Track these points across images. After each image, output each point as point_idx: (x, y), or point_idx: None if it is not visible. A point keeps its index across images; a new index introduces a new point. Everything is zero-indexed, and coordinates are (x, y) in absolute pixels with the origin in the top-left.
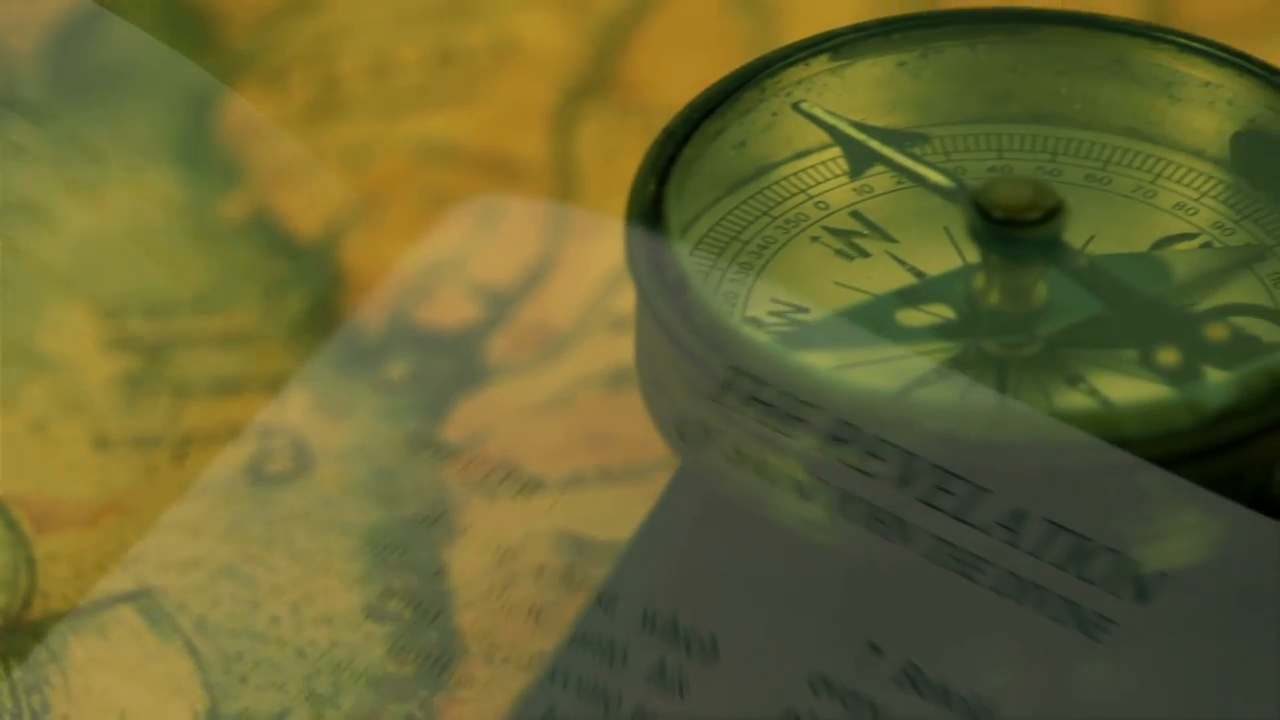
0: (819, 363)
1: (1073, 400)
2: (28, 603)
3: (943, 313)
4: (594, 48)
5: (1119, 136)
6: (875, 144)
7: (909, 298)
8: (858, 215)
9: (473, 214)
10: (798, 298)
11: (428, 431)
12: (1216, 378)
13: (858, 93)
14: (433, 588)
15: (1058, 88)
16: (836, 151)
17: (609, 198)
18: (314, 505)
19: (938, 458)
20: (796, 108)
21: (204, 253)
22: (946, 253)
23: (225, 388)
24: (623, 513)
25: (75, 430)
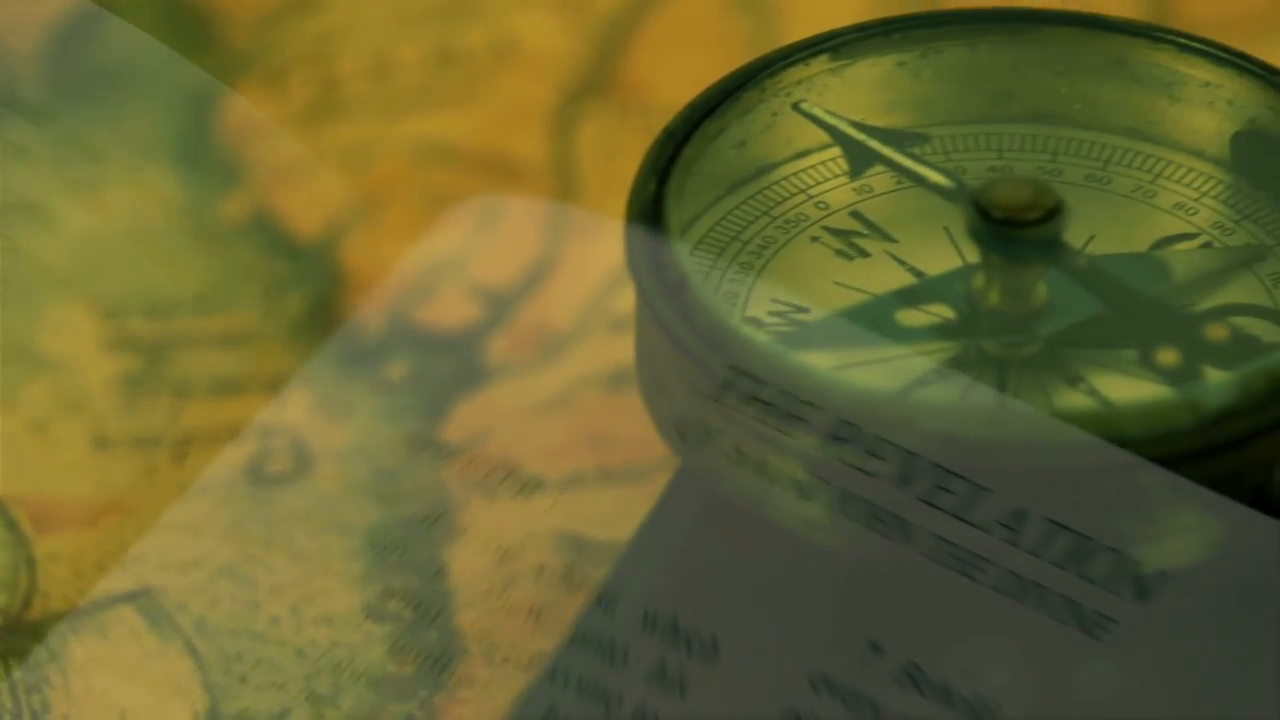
0: (819, 363)
1: (1073, 400)
2: (28, 603)
3: (943, 313)
4: (594, 48)
5: (1119, 136)
6: (875, 144)
7: (909, 298)
8: (858, 215)
9: (472, 214)
10: (798, 298)
11: (428, 432)
12: (1216, 378)
13: (858, 92)
14: (433, 588)
15: (1058, 88)
16: (836, 151)
17: (609, 198)
18: (314, 505)
19: (938, 458)
20: (796, 107)
21: (204, 253)
22: (946, 253)
23: (225, 388)
24: (623, 513)
25: (75, 430)
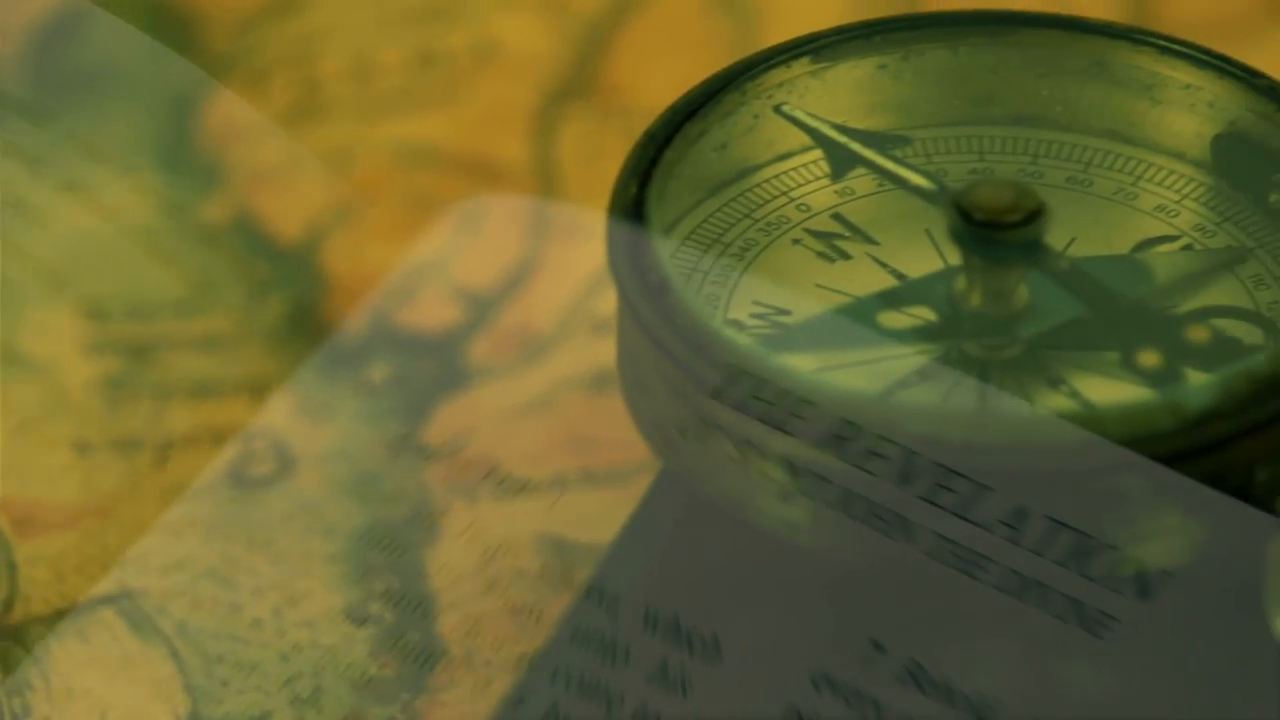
0: (801, 365)
1: (1054, 402)
2: (9, 606)
3: (924, 315)
4: (575, 50)
5: (1100, 139)
6: (857, 146)
7: (891, 300)
8: (839, 218)
9: (454, 216)
10: (779, 300)
11: (410, 434)
12: (1198, 380)
13: (839, 95)
14: (415, 590)
15: (1039, 90)
16: (818, 154)
17: (591, 200)
18: (296, 508)
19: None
20: (778, 110)
21: (185, 255)
22: (928, 255)
23: (207, 390)
24: (605, 515)
25: (57, 433)
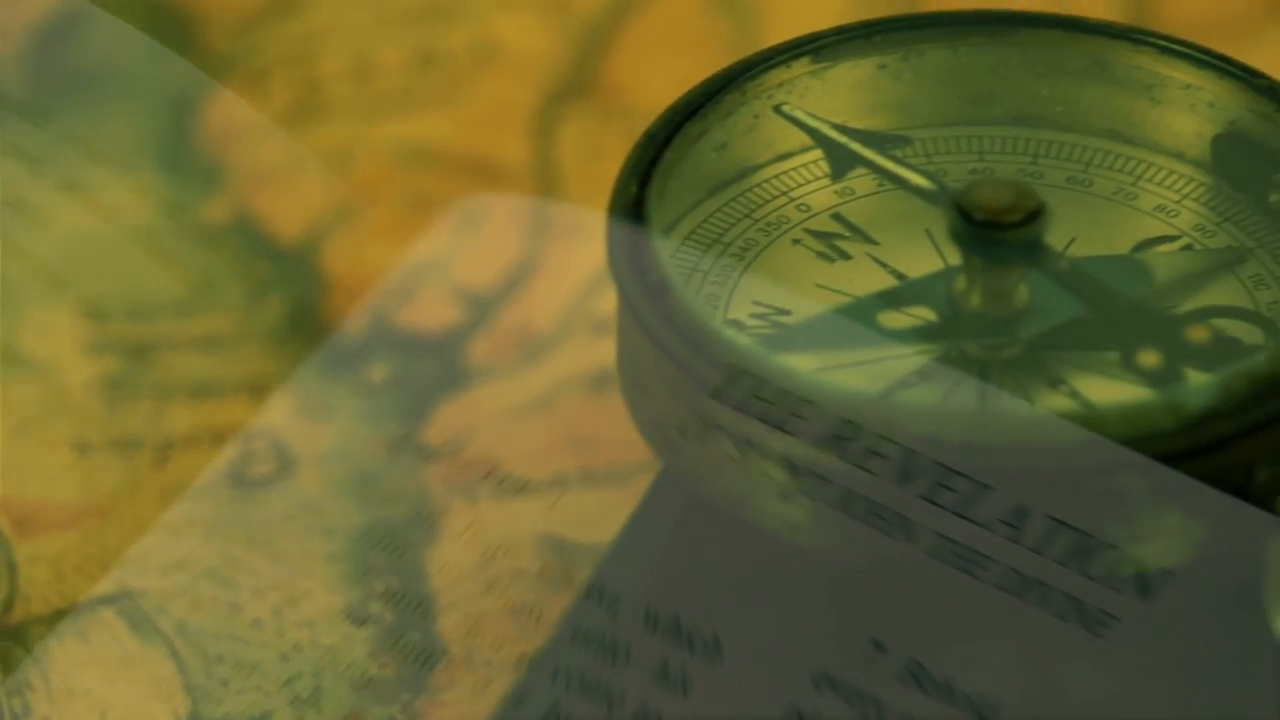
0: (801, 365)
1: (1054, 402)
2: (9, 606)
3: (924, 315)
4: (575, 50)
5: (1100, 139)
6: (856, 146)
7: (891, 300)
8: (839, 218)
9: (454, 216)
10: (779, 300)
11: (409, 434)
12: (1198, 380)
13: (839, 95)
14: (415, 590)
15: (1039, 90)
16: (818, 154)
17: (591, 200)
18: (296, 508)
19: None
20: (778, 110)
21: (185, 256)
22: (928, 255)
23: (207, 390)
24: (605, 515)
25: (57, 433)
